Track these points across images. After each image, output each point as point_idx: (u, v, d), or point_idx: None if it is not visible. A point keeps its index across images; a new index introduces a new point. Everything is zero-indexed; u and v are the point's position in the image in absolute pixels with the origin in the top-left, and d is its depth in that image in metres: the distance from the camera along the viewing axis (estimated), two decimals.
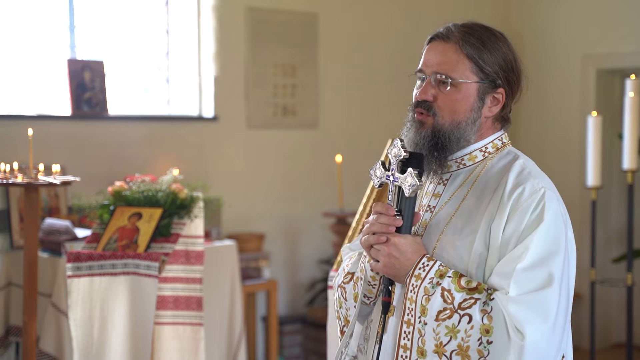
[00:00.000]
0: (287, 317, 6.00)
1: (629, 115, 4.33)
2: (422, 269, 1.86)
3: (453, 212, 1.93)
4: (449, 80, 1.91)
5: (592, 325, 4.54)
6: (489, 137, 1.98)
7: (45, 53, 5.12)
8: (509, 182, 1.89)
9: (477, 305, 1.79)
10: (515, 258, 1.80)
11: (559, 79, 6.79)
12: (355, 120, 6.27)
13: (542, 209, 1.84)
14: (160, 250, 3.65)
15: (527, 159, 1.98)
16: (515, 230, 1.83)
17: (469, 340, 1.78)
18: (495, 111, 1.96)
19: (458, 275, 1.84)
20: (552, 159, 6.78)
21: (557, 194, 1.92)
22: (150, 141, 5.37)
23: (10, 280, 4.33)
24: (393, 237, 1.89)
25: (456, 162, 1.97)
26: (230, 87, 5.73)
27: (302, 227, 6.11)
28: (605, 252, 6.55)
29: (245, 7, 5.75)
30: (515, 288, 1.78)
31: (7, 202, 4.40)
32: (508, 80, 1.95)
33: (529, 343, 1.75)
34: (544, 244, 1.81)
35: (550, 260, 1.81)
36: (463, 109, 1.92)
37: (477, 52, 1.91)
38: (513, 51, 1.97)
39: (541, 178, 1.91)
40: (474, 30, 1.94)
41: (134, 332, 3.56)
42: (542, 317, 1.77)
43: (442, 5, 6.69)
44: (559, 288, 1.80)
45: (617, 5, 6.47)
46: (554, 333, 1.79)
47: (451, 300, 1.81)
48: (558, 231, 1.84)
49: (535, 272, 1.79)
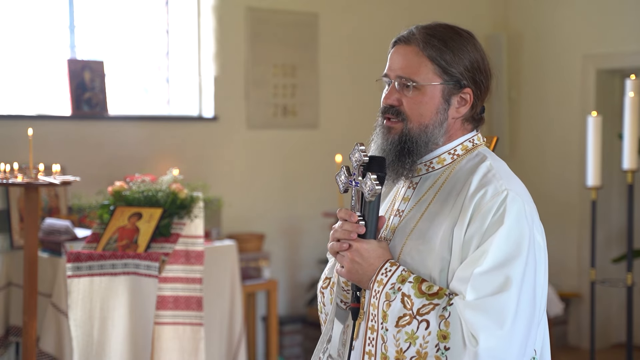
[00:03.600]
0: (287, 317, 6.00)
1: (629, 115, 4.33)
2: (384, 275, 1.85)
3: (419, 216, 1.91)
4: (411, 84, 1.90)
5: (592, 325, 4.54)
6: (458, 139, 1.95)
7: (45, 53, 5.12)
8: (472, 184, 1.85)
9: (435, 311, 1.76)
10: (474, 262, 1.77)
11: (559, 79, 6.79)
12: (355, 120, 6.27)
13: (503, 211, 1.80)
14: (160, 250, 3.66)
15: (496, 160, 1.93)
16: (476, 234, 1.80)
17: (427, 346, 1.75)
18: (463, 112, 1.93)
19: (419, 281, 1.82)
20: (552, 159, 6.78)
21: (526, 196, 1.87)
22: (150, 141, 5.37)
23: (10, 280, 4.33)
24: (355, 243, 1.88)
25: (425, 166, 1.95)
26: (230, 87, 5.73)
27: (302, 227, 6.11)
28: (605, 252, 6.55)
29: (245, 7, 5.75)
30: (471, 293, 1.75)
31: (7, 202, 4.40)
32: (475, 80, 1.92)
33: (482, 349, 1.71)
34: (503, 248, 1.77)
35: (509, 264, 1.76)
36: (429, 112, 1.90)
37: (439, 53, 1.89)
38: (480, 50, 1.94)
39: (506, 180, 1.86)
40: (437, 31, 1.92)
41: (134, 332, 3.56)
42: (497, 323, 1.73)
43: (442, 5, 6.69)
44: (518, 292, 1.75)
45: (617, 5, 6.47)
46: (512, 338, 1.74)
47: (411, 305, 1.79)
48: (520, 234, 1.79)
49: (492, 276, 1.75)
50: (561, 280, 6.72)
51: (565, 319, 6.68)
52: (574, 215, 6.64)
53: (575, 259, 6.72)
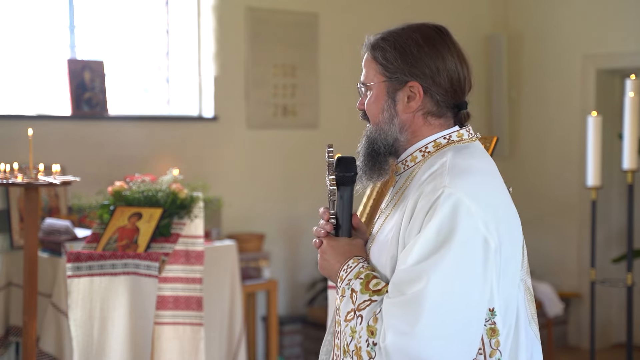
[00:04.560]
0: (287, 317, 6.00)
1: (629, 115, 4.33)
2: (344, 271, 1.90)
3: (387, 215, 1.95)
4: (361, 87, 1.98)
5: (592, 325, 4.54)
6: (430, 136, 1.92)
7: (45, 53, 5.12)
8: (422, 183, 1.85)
9: (370, 307, 1.80)
10: (403, 259, 1.78)
11: (559, 79, 6.79)
12: (355, 120, 6.24)
13: (435, 209, 1.76)
14: (160, 250, 3.65)
15: (460, 157, 1.87)
16: (412, 231, 1.80)
17: (360, 341, 1.80)
18: (415, 106, 1.90)
19: (370, 278, 1.85)
20: (552, 159, 6.78)
21: (473, 193, 1.79)
22: (150, 141, 5.37)
23: (10, 280, 4.33)
24: (325, 240, 1.96)
25: (403, 164, 1.97)
26: (230, 87, 5.73)
27: (302, 227, 6.11)
28: (605, 252, 6.55)
29: (245, 7, 5.75)
30: (391, 290, 1.76)
31: (7, 202, 4.40)
32: (424, 74, 1.88)
33: (390, 345, 1.72)
34: (428, 245, 1.74)
35: (428, 259, 1.73)
36: (377, 110, 1.94)
37: (382, 53, 1.91)
38: (439, 43, 1.89)
39: (453, 177, 1.80)
40: (389, 34, 1.93)
41: (134, 332, 3.56)
42: (408, 320, 1.71)
43: (442, 5, 6.69)
44: (434, 287, 1.70)
45: (617, 5, 6.47)
46: (425, 335, 1.70)
47: (355, 301, 1.84)
48: (450, 231, 1.73)
49: (409, 272, 1.74)
50: (561, 280, 6.72)
51: (565, 319, 6.69)
52: (574, 215, 6.64)
53: (575, 259, 6.72)
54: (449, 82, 1.90)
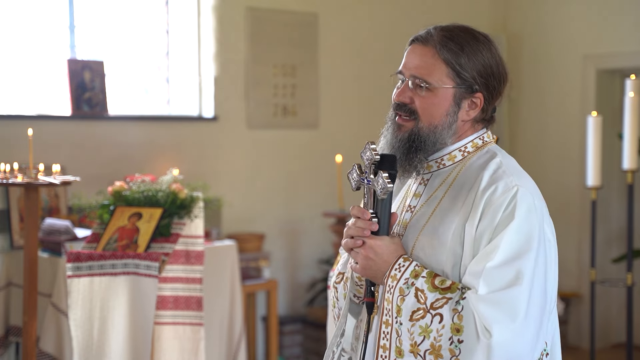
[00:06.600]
0: (287, 317, 6.00)
1: (629, 115, 4.33)
2: (397, 270, 1.89)
3: (431, 212, 1.95)
4: (424, 85, 1.94)
5: (592, 325, 4.54)
6: (468, 137, 2.00)
7: (45, 53, 5.12)
8: (483, 180, 1.90)
9: (448, 305, 1.81)
10: (486, 256, 1.81)
11: (559, 79, 6.79)
12: (355, 120, 6.27)
13: (514, 206, 1.84)
14: (160, 250, 3.65)
15: (506, 157, 1.98)
16: (487, 229, 1.84)
17: (440, 339, 1.80)
18: (473, 115, 1.97)
19: (432, 275, 1.86)
20: (552, 159, 6.78)
21: (535, 191, 1.92)
22: (150, 141, 5.37)
23: (10, 280, 4.33)
24: (369, 240, 1.92)
25: (436, 162, 1.99)
26: (230, 87, 5.73)
27: (302, 227, 6.11)
28: (605, 252, 6.55)
29: (245, 7, 5.75)
30: (484, 287, 1.79)
31: (7, 202, 4.40)
32: (487, 85, 1.95)
33: (495, 342, 1.75)
34: (514, 242, 1.82)
35: (520, 258, 1.81)
36: (439, 113, 1.94)
37: (455, 57, 1.92)
38: (496, 55, 1.97)
39: (517, 176, 1.91)
40: (454, 34, 1.94)
41: (134, 332, 3.56)
42: (510, 316, 1.77)
43: (442, 5, 6.69)
44: (530, 285, 1.80)
45: (617, 5, 6.47)
46: (524, 331, 1.79)
47: (424, 300, 1.83)
48: (530, 229, 1.84)
49: (503, 270, 1.80)
50: (561, 280, 6.68)
51: (565, 319, 6.69)
52: (574, 215, 6.64)
53: (575, 259, 6.72)
54: (500, 95, 2.00)
